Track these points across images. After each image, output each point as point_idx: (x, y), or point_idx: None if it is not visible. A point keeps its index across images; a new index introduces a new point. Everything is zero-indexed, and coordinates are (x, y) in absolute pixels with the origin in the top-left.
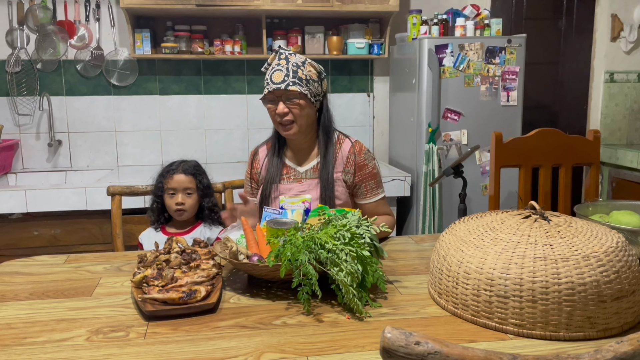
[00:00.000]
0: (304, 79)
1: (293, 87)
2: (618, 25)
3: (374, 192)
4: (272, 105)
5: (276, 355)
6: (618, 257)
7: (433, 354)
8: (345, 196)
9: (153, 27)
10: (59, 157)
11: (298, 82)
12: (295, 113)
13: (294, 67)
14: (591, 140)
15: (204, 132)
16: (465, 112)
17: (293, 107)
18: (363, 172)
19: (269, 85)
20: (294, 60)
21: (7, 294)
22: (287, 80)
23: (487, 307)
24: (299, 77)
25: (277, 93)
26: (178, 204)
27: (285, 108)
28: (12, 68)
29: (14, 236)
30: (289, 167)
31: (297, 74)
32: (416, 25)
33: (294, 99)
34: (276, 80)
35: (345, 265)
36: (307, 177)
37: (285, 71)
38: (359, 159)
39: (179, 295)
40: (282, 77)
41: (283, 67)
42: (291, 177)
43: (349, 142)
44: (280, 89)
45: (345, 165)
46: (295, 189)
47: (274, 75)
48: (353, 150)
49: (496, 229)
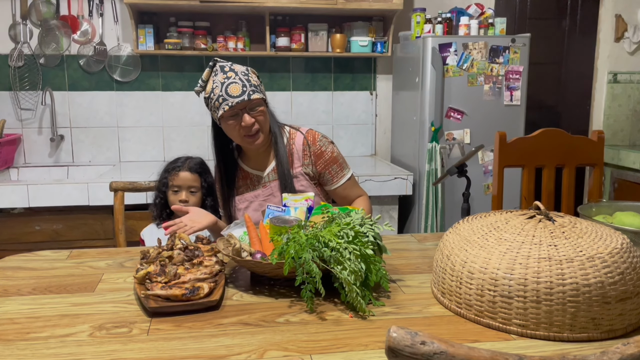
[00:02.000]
0: (257, 85)
1: (254, 95)
2: (622, 26)
3: (340, 175)
4: (234, 120)
5: (279, 353)
6: (623, 258)
7: (439, 354)
8: (312, 188)
9: (156, 22)
10: (61, 152)
11: (256, 90)
12: (261, 121)
13: (244, 75)
14: (595, 141)
15: (207, 128)
16: (468, 112)
17: (258, 116)
18: (323, 160)
19: (228, 100)
20: (241, 70)
21: (10, 288)
22: (246, 90)
23: (491, 307)
24: (254, 84)
25: (240, 106)
26: (182, 202)
27: (251, 119)
28: (15, 62)
29: (15, 231)
30: (251, 175)
31: (250, 82)
32: (420, 23)
33: (257, 107)
34: (235, 93)
35: (349, 264)
36: (270, 180)
37: (240, 82)
38: (315, 148)
39: (181, 292)
40: (240, 88)
41: (235, 78)
42: (255, 184)
43: (301, 135)
44: (244, 100)
45: (302, 158)
46: (262, 195)
47: (230, 89)
48: (306, 142)
49: (500, 229)
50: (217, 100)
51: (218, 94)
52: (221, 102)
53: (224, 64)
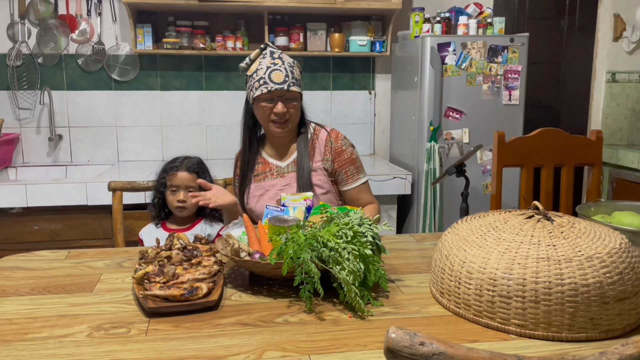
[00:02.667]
0: (298, 79)
1: (293, 87)
2: (620, 25)
3: (355, 177)
4: (268, 104)
5: (278, 353)
6: (621, 258)
7: (438, 354)
8: (328, 185)
9: (155, 22)
10: (59, 151)
11: (296, 83)
12: (292, 113)
13: (290, 67)
14: (594, 141)
15: (205, 128)
16: (467, 111)
17: (290, 108)
18: (342, 158)
19: (268, 85)
20: (288, 61)
21: (8, 289)
22: (287, 80)
23: (490, 307)
24: (295, 77)
25: (278, 93)
26: (180, 201)
27: (284, 108)
28: (13, 62)
29: (14, 230)
30: (270, 164)
31: (293, 74)
32: (419, 23)
33: (293, 100)
34: (277, 80)
35: (348, 264)
36: (288, 171)
37: (285, 71)
38: (336, 145)
39: (180, 292)
40: (282, 77)
41: (281, 67)
42: (274, 174)
43: (325, 131)
44: (283, 89)
45: (323, 153)
46: (279, 184)
47: (273, 75)
48: (329, 138)
49: (499, 229)
50: (258, 81)
51: (261, 76)
52: (261, 84)
53: (274, 50)
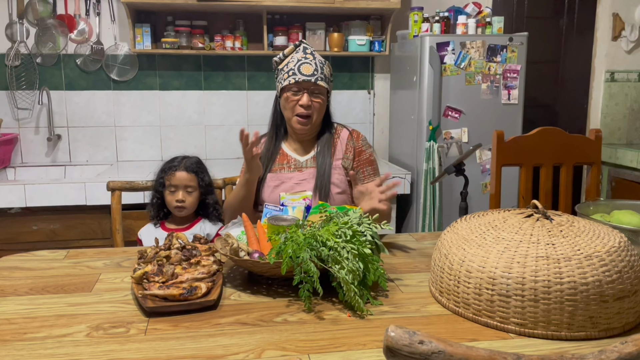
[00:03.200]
0: (327, 76)
1: (321, 82)
2: (619, 25)
3: (371, 179)
4: (294, 95)
5: (277, 353)
6: (620, 257)
7: (437, 353)
8: (345, 185)
9: (153, 22)
10: (58, 151)
11: (325, 79)
12: (316, 107)
13: (320, 64)
14: (593, 140)
15: (204, 128)
16: (466, 110)
17: (315, 102)
18: (361, 158)
19: (297, 76)
20: (319, 58)
21: (7, 289)
22: (316, 74)
23: (489, 306)
24: (325, 74)
25: (305, 85)
26: (178, 201)
27: (309, 100)
28: (12, 62)
29: (12, 231)
30: (289, 157)
31: (323, 70)
32: (417, 22)
33: (319, 95)
34: (306, 72)
35: (347, 263)
36: (307, 166)
37: (315, 66)
38: (357, 145)
39: (179, 292)
40: (312, 70)
41: (311, 61)
42: (292, 167)
43: (347, 131)
44: (310, 81)
45: (344, 152)
46: (296, 178)
47: (302, 67)
48: (351, 137)
49: (498, 228)
50: (288, 72)
51: (291, 67)
52: (290, 74)
53: (307, 46)
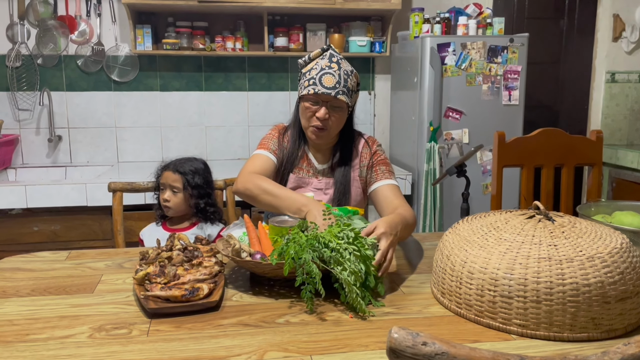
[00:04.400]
0: (350, 89)
1: (342, 96)
2: (620, 26)
3: (385, 176)
4: (312, 105)
5: (279, 354)
6: (622, 258)
7: (440, 354)
8: (360, 197)
9: (154, 23)
10: (58, 152)
11: (346, 92)
12: (333, 121)
13: (345, 75)
14: (594, 141)
15: (205, 128)
16: (466, 111)
17: (334, 115)
18: (374, 159)
19: (317, 87)
20: (345, 68)
21: (9, 290)
22: (337, 87)
23: (491, 307)
24: (348, 87)
25: (324, 98)
26: (165, 200)
27: (326, 114)
28: (13, 63)
29: (13, 232)
30: (310, 160)
31: (347, 83)
32: (418, 23)
33: (338, 108)
34: (327, 84)
35: (349, 265)
36: (324, 174)
37: (337, 78)
38: (373, 149)
39: (181, 293)
40: (333, 82)
41: (335, 72)
42: (310, 171)
43: (363, 140)
44: (330, 95)
45: (360, 160)
46: (313, 185)
47: (324, 79)
48: (367, 144)
49: (500, 229)
50: (309, 80)
51: (312, 76)
52: (310, 83)
53: (334, 54)
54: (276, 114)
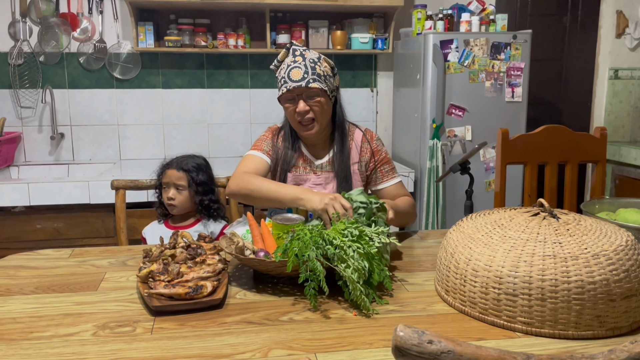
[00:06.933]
0: (322, 75)
1: (313, 84)
2: (623, 22)
3: (390, 176)
4: (291, 104)
5: (284, 352)
6: (627, 255)
7: (446, 353)
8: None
9: (156, 20)
10: (61, 150)
11: (318, 79)
12: (316, 111)
13: (311, 63)
14: (598, 138)
15: (207, 126)
16: (469, 108)
17: (314, 105)
18: (378, 158)
19: (287, 84)
20: (310, 57)
21: (13, 287)
22: (306, 77)
23: (496, 305)
24: (318, 73)
25: (297, 91)
26: (169, 199)
27: (306, 106)
28: (15, 60)
29: (16, 229)
30: (306, 157)
31: (315, 70)
32: (421, 20)
33: (315, 97)
34: (295, 77)
35: (353, 262)
36: (322, 169)
37: (304, 68)
38: (373, 145)
39: (185, 291)
40: (301, 74)
41: (300, 64)
42: (307, 168)
43: (360, 132)
44: (301, 86)
45: (360, 155)
46: (311, 181)
47: (292, 73)
48: (365, 139)
49: (505, 227)
50: (280, 81)
51: (282, 75)
52: (282, 83)
53: (296, 48)
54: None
